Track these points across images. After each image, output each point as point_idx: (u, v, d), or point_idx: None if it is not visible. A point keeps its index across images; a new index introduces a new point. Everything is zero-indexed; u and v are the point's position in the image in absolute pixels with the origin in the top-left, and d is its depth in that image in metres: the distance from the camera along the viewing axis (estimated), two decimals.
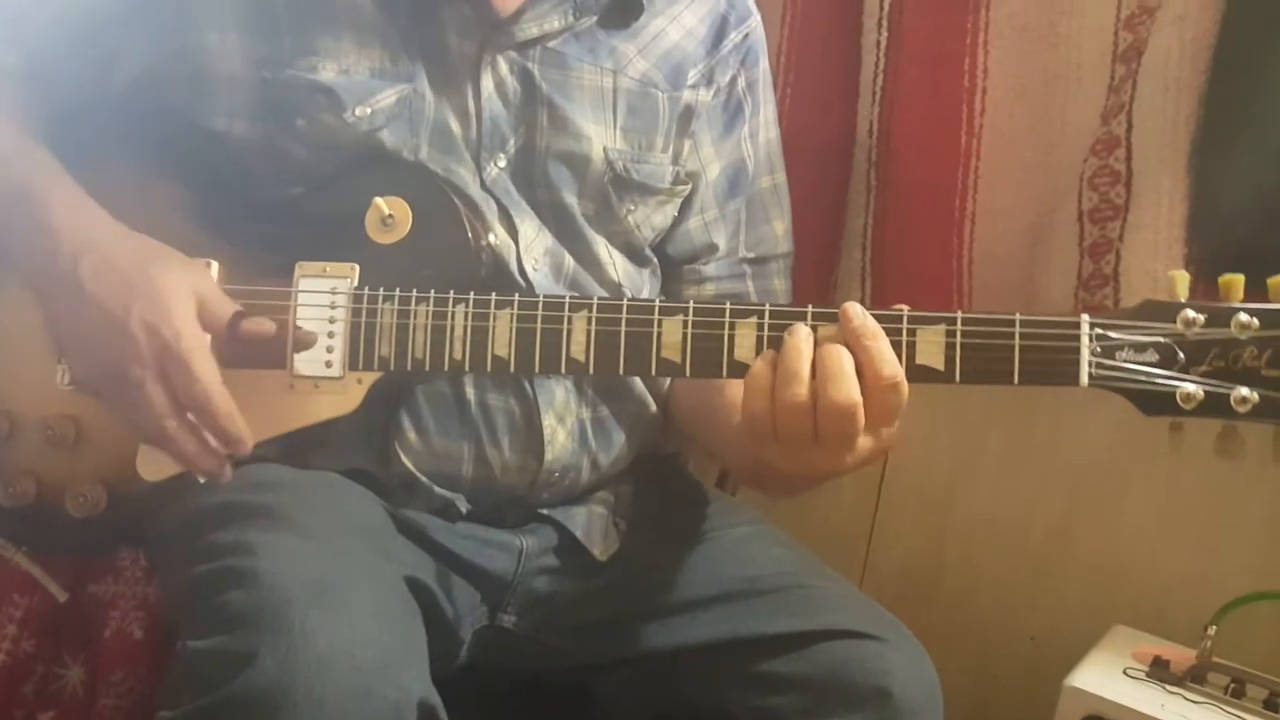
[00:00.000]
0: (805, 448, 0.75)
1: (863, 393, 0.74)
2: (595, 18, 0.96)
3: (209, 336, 0.82)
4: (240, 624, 0.69)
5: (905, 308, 0.78)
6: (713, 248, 1.05)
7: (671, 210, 1.02)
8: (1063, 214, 1.18)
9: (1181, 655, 1.11)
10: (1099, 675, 1.08)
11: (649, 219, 0.99)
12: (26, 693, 1.06)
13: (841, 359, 0.74)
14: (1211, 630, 1.09)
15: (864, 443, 0.75)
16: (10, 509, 0.90)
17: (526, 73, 0.93)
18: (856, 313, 0.76)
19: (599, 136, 0.95)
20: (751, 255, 1.07)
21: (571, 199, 0.95)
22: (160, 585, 1.03)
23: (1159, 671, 1.09)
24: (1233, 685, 1.07)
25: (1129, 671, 1.10)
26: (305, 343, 0.85)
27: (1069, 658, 1.12)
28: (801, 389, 0.74)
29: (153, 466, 0.86)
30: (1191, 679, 1.07)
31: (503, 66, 0.92)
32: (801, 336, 0.76)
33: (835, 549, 1.23)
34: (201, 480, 0.83)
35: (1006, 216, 1.22)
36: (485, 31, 0.91)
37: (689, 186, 1.02)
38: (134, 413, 0.80)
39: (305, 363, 0.85)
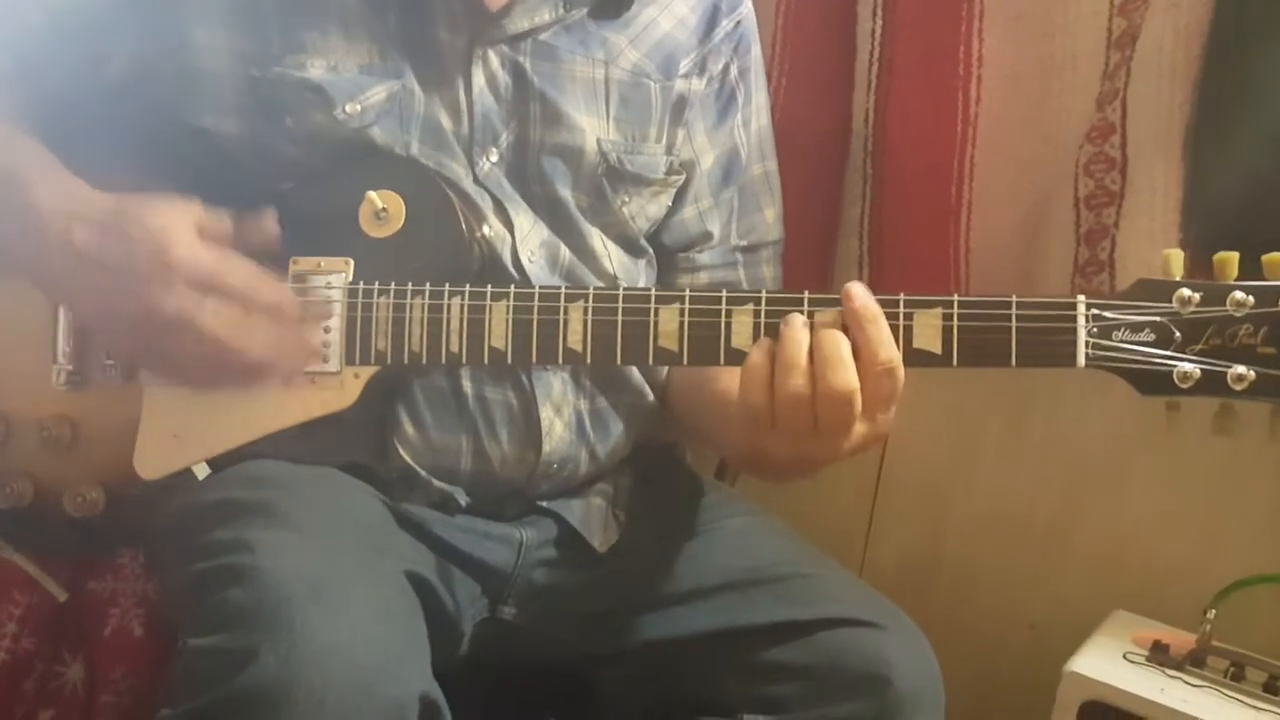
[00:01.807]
0: (803, 436, 0.75)
1: (859, 378, 0.74)
2: (586, 9, 0.95)
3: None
4: (240, 622, 0.69)
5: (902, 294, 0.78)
6: (707, 236, 1.05)
7: (666, 200, 1.01)
8: (1059, 201, 1.18)
9: (1181, 639, 1.11)
10: (1099, 660, 1.09)
11: (643, 210, 0.99)
12: (27, 690, 1.06)
13: (839, 345, 0.74)
14: (1211, 614, 1.09)
15: (860, 429, 0.75)
16: (8, 510, 0.90)
17: (518, 66, 0.93)
18: (858, 293, 0.76)
19: (592, 128, 0.94)
20: (743, 243, 1.07)
21: (566, 192, 0.94)
22: (159, 583, 1.03)
23: (1159, 656, 1.09)
24: (1232, 668, 1.07)
25: (1129, 656, 1.10)
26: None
27: (1069, 644, 1.12)
28: (800, 378, 0.74)
29: (151, 464, 0.86)
30: (1191, 663, 1.08)
31: (494, 60, 0.92)
32: (798, 325, 0.76)
33: (834, 539, 1.23)
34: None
35: (1003, 204, 1.22)
36: (475, 26, 0.91)
37: (683, 176, 1.02)
38: (186, 353, 0.78)
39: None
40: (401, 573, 0.79)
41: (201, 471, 0.86)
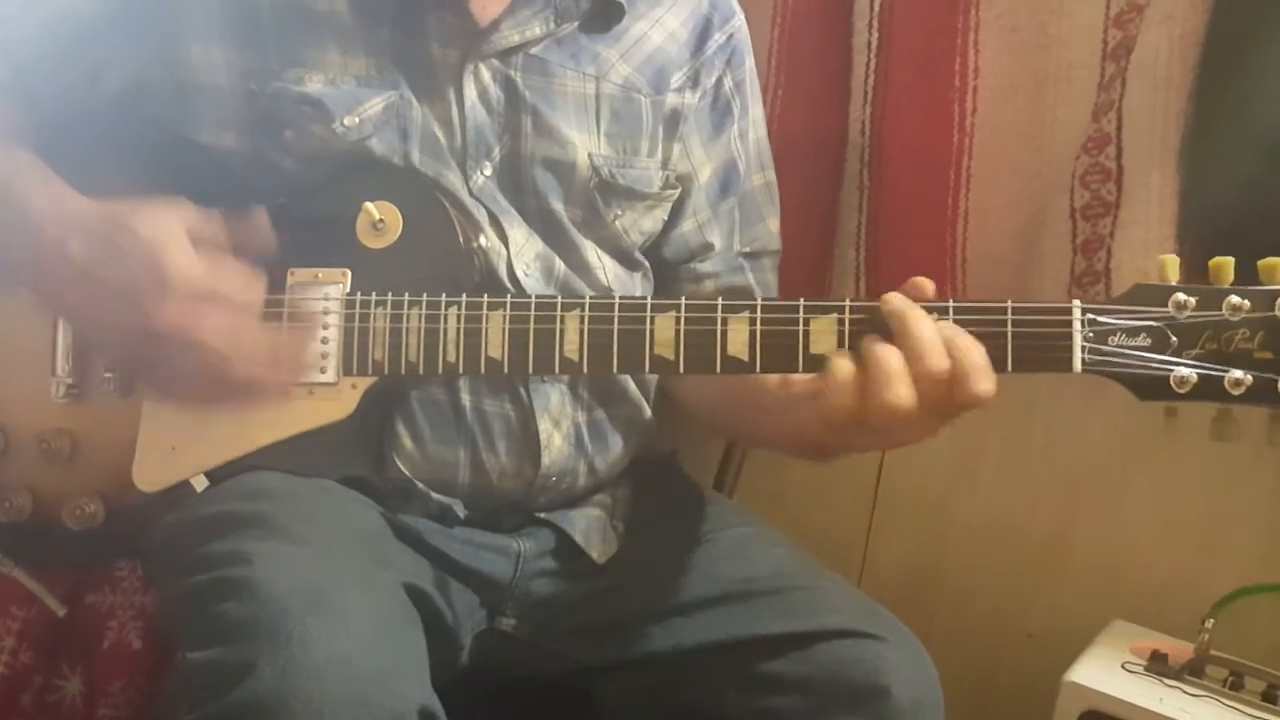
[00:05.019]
0: (900, 428, 0.75)
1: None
2: (577, 23, 0.96)
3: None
4: (238, 635, 0.69)
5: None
6: (708, 247, 1.05)
7: (661, 215, 1.01)
8: (1055, 212, 1.18)
9: (1179, 649, 1.11)
10: (1097, 670, 1.08)
11: (637, 224, 0.99)
12: (25, 704, 1.06)
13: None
14: (1209, 624, 1.09)
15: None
16: (6, 524, 0.90)
17: (509, 80, 0.93)
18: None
19: (583, 143, 0.95)
20: (748, 250, 1.07)
21: (559, 205, 0.95)
22: (158, 596, 1.02)
23: (1157, 665, 1.09)
24: (1231, 678, 1.07)
25: (1127, 666, 1.10)
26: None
27: (1068, 654, 1.12)
28: (906, 390, 0.73)
29: (149, 477, 0.86)
30: (1190, 672, 1.08)
31: (485, 74, 0.92)
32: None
33: (833, 550, 1.23)
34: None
35: (999, 215, 1.22)
36: (467, 40, 0.91)
37: (679, 190, 1.02)
38: (185, 366, 0.77)
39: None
40: (400, 584, 0.79)
41: (200, 484, 0.86)
